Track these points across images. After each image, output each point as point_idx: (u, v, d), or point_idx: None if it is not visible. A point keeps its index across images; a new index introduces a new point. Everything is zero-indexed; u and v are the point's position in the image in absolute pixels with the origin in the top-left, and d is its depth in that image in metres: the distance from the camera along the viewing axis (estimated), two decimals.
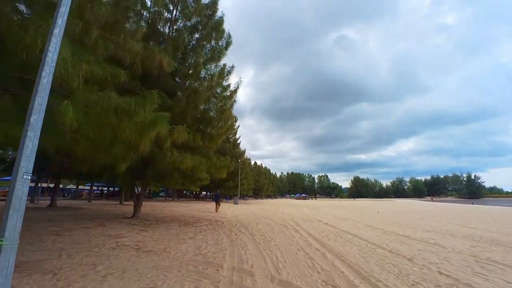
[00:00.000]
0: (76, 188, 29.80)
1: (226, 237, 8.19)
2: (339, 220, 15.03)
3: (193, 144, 11.11)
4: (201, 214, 16.45)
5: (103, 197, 36.22)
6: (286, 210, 23.59)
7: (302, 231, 9.91)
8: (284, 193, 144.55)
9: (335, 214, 20.11)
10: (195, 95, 9.99)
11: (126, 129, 4.41)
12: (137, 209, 11.26)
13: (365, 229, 11.07)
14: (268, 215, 17.47)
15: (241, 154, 45.48)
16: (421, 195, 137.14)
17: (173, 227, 9.80)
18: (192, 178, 11.12)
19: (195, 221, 12.37)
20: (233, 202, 34.95)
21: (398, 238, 8.88)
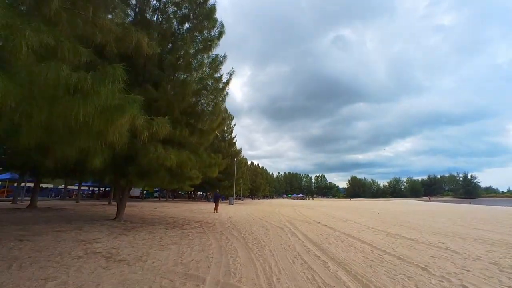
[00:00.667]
0: (65, 188, 28.69)
1: (215, 242, 7.34)
2: (338, 221, 14.24)
3: (183, 139, 10.29)
4: (193, 215, 15.57)
5: (94, 198, 35.13)
6: (283, 211, 22.78)
7: (300, 234, 9.09)
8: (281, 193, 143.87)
9: (333, 214, 19.34)
10: (183, 86, 9.12)
11: (83, 112, 3.55)
12: (121, 210, 10.36)
13: (367, 231, 10.29)
14: (263, 216, 16.64)
15: (237, 153, 44.59)
16: (418, 195, 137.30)
17: (158, 230, 8.93)
18: (181, 177, 10.25)
19: (185, 223, 11.50)
20: (228, 202, 34.05)
21: (405, 241, 8.09)
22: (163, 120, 6.30)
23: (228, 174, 39.40)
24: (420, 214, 21.29)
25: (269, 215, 17.14)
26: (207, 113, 10.37)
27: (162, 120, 6.27)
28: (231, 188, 39.22)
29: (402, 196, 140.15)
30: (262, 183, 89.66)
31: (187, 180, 11.03)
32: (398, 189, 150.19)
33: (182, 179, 10.47)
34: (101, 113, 4.05)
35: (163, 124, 6.23)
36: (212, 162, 10.07)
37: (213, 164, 10.18)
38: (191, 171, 10.30)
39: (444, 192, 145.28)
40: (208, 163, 9.94)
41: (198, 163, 9.81)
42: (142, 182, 9.16)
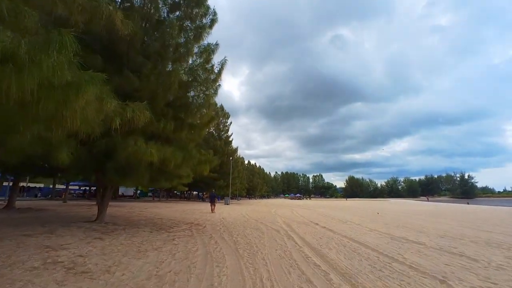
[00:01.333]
0: (53, 187, 27.66)
1: (202, 247, 6.53)
2: (337, 222, 13.47)
3: (170, 134, 9.47)
4: (184, 216, 14.72)
5: (85, 197, 34.13)
6: (279, 211, 21.99)
7: (297, 238, 8.30)
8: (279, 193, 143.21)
9: (332, 215, 18.57)
10: (169, 76, 8.27)
11: (17, 89, 2.72)
12: (102, 211, 9.50)
13: (370, 234, 9.52)
14: (259, 217, 15.83)
15: (233, 152, 43.77)
16: (415, 195, 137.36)
17: (141, 234, 8.09)
18: (168, 175, 9.42)
19: (173, 224, 10.66)
20: (224, 202, 33.21)
21: (412, 246, 7.33)
22: (141, 106, 5.47)
23: (224, 173, 38.56)
24: (421, 214, 20.61)
25: (265, 216, 16.33)
26: (197, 106, 9.53)
27: (139, 106, 5.45)
28: (227, 188, 38.38)
29: (399, 196, 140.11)
30: (259, 183, 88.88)
31: (175, 179, 10.20)
32: (396, 189, 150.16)
33: (169, 177, 9.64)
34: (48, 92, 3.21)
35: (140, 110, 5.39)
36: (202, 159, 9.24)
37: (203, 161, 9.36)
38: (179, 168, 9.46)
39: (441, 192, 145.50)
40: (198, 160, 9.11)
41: (187, 160, 8.98)
42: (122, 180, 8.30)
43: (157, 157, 7.29)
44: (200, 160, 9.13)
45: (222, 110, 44.42)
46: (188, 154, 8.99)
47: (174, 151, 8.12)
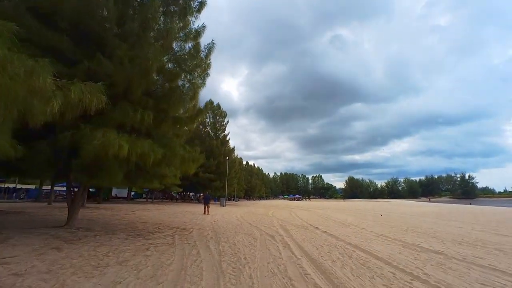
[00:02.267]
0: (40, 188, 26.43)
1: (179, 260, 5.38)
2: (339, 226, 12.33)
3: (151, 128, 8.35)
4: (172, 219, 13.55)
5: None
6: (277, 213, 20.83)
7: (294, 246, 7.15)
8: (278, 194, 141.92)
9: (332, 217, 17.42)
10: (146, 59, 7.13)
11: None
12: (72, 215, 8.34)
13: (377, 240, 8.38)
14: (254, 219, 14.67)
15: (230, 151, 42.59)
16: (415, 195, 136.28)
17: (112, 241, 6.93)
18: (147, 174, 8.28)
19: (156, 229, 9.50)
20: (220, 204, 32.03)
21: (430, 256, 6.20)
22: (93, 86, 4.32)
23: (220, 173, 37.40)
24: (427, 216, 19.48)
25: (261, 219, 15.17)
26: (182, 96, 8.38)
27: (91, 86, 4.30)
28: (223, 189, 37.17)
29: (399, 196, 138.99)
30: (258, 184, 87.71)
31: (156, 179, 9.04)
32: (396, 190, 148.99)
33: (148, 176, 8.49)
34: None
35: (92, 92, 4.25)
36: (186, 157, 8.08)
37: (188, 159, 8.20)
38: (159, 167, 8.32)
39: (441, 192, 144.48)
40: (182, 158, 7.95)
41: (169, 157, 7.83)
42: (90, 179, 7.15)
43: (128, 151, 6.16)
44: (184, 158, 7.97)
45: (218, 109, 43.32)
46: (170, 150, 7.84)
47: (153, 146, 6.97)
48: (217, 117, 43.03)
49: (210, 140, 39.59)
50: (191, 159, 8.34)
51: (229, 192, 48.82)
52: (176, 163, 7.98)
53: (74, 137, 6.33)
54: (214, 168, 37.60)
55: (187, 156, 8.13)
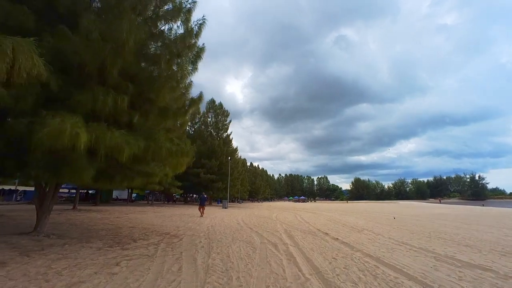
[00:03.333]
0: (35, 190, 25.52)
1: (151, 280, 4.12)
2: (351, 231, 10.95)
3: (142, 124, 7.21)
4: (165, 223, 12.32)
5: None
6: (281, 216, 19.47)
7: (301, 259, 5.83)
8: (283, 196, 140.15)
9: (342, 221, 16.00)
10: (120, 31, 5.90)
11: None
12: (41, 219, 7.14)
13: (401, 250, 7.00)
14: (256, 223, 13.36)
15: (233, 152, 41.35)
16: (423, 196, 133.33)
17: (80, 252, 5.71)
18: (126, 171, 7.05)
19: (141, 236, 8.27)
20: (222, 206, 30.76)
21: (477, 274, 4.82)
22: (22, 41, 3.08)
23: (223, 174, 36.18)
24: (444, 219, 17.90)
25: (264, 223, 13.85)
26: (166, 80, 7.13)
27: (19, 41, 3.06)
28: (226, 190, 35.91)
29: (407, 197, 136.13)
30: (262, 185, 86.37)
31: (138, 177, 7.79)
32: (403, 191, 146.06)
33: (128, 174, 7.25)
34: None
35: (21, 50, 3.02)
36: (173, 150, 6.83)
37: (176, 153, 6.94)
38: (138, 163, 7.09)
39: (450, 193, 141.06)
40: (167, 152, 6.70)
41: (153, 151, 6.59)
42: (52, 176, 5.95)
43: (96, 143, 4.94)
44: (170, 151, 6.72)
45: (221, 108, 42.18)
46: (154, 143, 6.60)
47: (127, 138, 5.74)
48: (219, 116, 41.91)
49: (212, 140, 38.44)
50: (180, 152, 7.07)
51: (232, 194, 47.55)
52: (161, 157, 6.72)
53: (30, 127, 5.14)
54: (216, 168, 36.42)
55: (174, 149, 6.86)
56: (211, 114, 42.13)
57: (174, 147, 7.01)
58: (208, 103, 42.62)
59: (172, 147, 6.95)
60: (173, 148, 6.96)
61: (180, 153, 7.22)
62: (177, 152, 7.05)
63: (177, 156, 7.10)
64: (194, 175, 35.23)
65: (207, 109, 42.28)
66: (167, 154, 6.89)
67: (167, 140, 7.06)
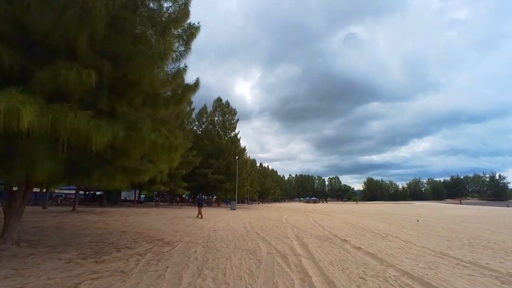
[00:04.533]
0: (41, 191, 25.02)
1: None
2: (373, 237, 9.49)
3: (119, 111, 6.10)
4: (163, 227, 11.18)
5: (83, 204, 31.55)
6: (292, 218, 18.07)
7: (318, 278, 4.48)
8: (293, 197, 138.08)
9: (359, 224, 14.48)
10: None
11: None
12: (9, 224, 6.07)
13: (445, 264, 5.54)
14: (264, 227, 12.05)
15: (241, 151, 40.14)
16: (440, 197, 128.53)
17: (42, 266, 4.57)
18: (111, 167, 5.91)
19: (130, 243, 7.11)
20: (230, 207, 29.57)
21: None
22: None
23: (230, 174, 35.02)
24: (475, 222, 16.07)
25: (273, 226, 12.53)
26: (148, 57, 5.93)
27: None
28: (234, 191, 34.71)
29: (422, 198, 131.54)
30: (272, 186, 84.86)
31: (126, 174, 6.62)
32: (419, 191, 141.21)
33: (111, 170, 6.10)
34: None
35: None
36: (159, 143, 5.62)
37: (162, 147, 5.75)
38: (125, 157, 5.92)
39: (469, 193, 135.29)
40: (152, 144, 5.50)
41: (135, 142, 5.42)
42: (5, 173, 4.87)
43: (44, 124, 3.78)
44: (155, 144, 5.52)
45: (228, 107, 41.12)
46: (136, 133, 5.43)
47: (97, 124, 4.57)
48: (226, 115, 40.84)
49: (219, 140, 37.39)
50: (168, 146, 5.86)
51: (241, 195, 46.40)
52: (144, 150, 5.53)
53: None
54: (224, 168, 35.31)
55: (160, 142, 5.66)
56: (218, 113, 41.13)
57: (160, 140, 5.80)
58: (214, 102, 41.67)
59: (158, 140, 5.74)
60: (159, 141, 5.76)
61: (168, 147, 6.00)
62: (163, 145, 5.85)
63: (164, 150, 5.89)
64: (201, 175, 34.25)
65: (214, 108, 41.33)
66: (152, 147, 5.69)
67: (153, 131, 5.86)
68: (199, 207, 16.92)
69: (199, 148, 34.47)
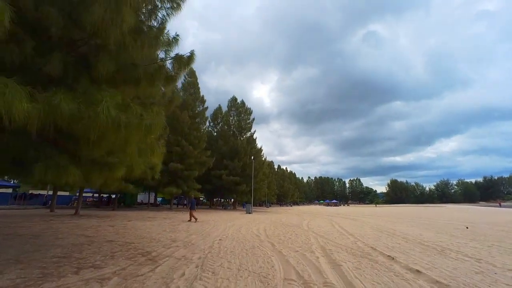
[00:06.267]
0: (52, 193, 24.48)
1: None
2: (426, 251, 7.22)
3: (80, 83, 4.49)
4: (161, 235, 9.49)
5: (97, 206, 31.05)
6: (315, 224, 15.88)
7: None
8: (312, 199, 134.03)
9: (396, 231, 12.07)
10: None
11: None
12: None
13: None
14: (282, 236, 10.06)
15: (258, 152, 38.24)
16: (472, 199, 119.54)
17: None
18: (54, 157, 4.25)
19: (103, 258, 5.40)
20: (246, 211, 27.71)
21: None
22: None
23: (246, 176, 33.24)
24: None
25: (292, 235, 10.50)
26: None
27: None
28: (251, 193, 32.82)
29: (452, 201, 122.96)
30: (291, 188, 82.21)
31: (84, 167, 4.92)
32: (448, 193, 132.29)
33: (61, 162, 4.40)
34: None
35: None
36: (122, 122, 3.84)
37: (127, 126, 3.97)
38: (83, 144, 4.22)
39: (505, 195, 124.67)
40: (115, 122, 3.75)
41: (87, 118, 3.71)
42: None
43: None
44: (114, 122, 3.74)
45: (243, 106, 39.52)
46: (87, 106, 3.72)
47: (15, 88, 2.87)
48: (241, 114, 39.22)
49: (234, 140, 35.79)
50: (136, 126, 4.07)
51: (258, 197, 44.49)
52: (98, 129, 3.77)
53: None
54: (239, 170, 33.60)
55: (123, 119, 3.88)
56: (233, 113, 39.63)
57: (125, 118, 4.02)
58: (229, 102, 40.25)
59: (121, 117, 3.97)
60: (122, 119, 3.98)
61: (136, 127, 4.20)
62: (130, 125, 4.06)
63: (130, 131, 4.10)
64: (216, 177, 32.77)
65: (228, 107, 39.91)
66: (112, 127, 3.92)
67: (116, 106, 4.10)
68: (190, 210, 15.51)
69: (214, 149, 33.03)
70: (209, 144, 33.41)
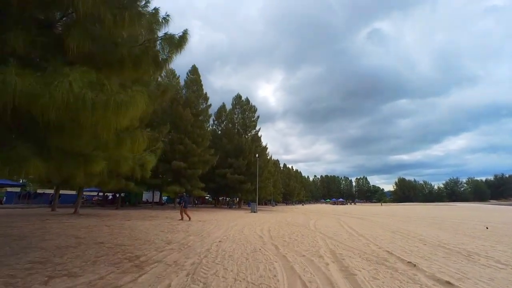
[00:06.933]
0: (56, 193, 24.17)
1: None
2: (450, 256, 6.43)
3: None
4: (157, 236, 8.87)
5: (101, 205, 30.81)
6: (322, 224, 15.11)
7: None
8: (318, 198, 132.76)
9: (411, 232, 11.24)
10: None
11: None
12: None
13: None
14: (287, 237, 9.34)
15: (263, 150, 37.48)
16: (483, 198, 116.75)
17: None
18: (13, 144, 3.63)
19: (85, 264, 4.77)
20: (251, 210, 27.02)
21: None
22: None
23: (251, 174, 32.56)
24: None
25: (298, 236, 9.77)
26: None
27: None
28: (256, 192, 32.12)
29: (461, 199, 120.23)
30: (297, 187, 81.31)
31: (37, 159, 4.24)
32: (457, 192, 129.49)
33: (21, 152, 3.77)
34: None
35: None
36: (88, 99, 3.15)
37: (95, 104, 3.31)
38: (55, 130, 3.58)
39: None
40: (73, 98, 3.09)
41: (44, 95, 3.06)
42: None
43: None
44: (81, 100, 3.07)
45: (247, 104, 38.82)
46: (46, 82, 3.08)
47: None
48: (246, 112, 38.54)
49: (239, 138, 35.12)
50: (104, 104, 3.39)
51: (263, 196, 43.80)
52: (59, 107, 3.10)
53: None
54: (244, 168, 32.94)
55: (89, 96, 3.22)
56: (238, 111, 38.95)
57: (90, 93, 3.35)
58: (234, 99, 39.58)
59: (86, 93, 3.31)
60: (88, 95, 3.31)
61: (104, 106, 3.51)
62: (98, 103, 3.39)
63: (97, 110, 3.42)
64: (220, 176, 32.17)
65: (233, 105, 39.23)
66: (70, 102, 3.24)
67: (87, 84, 3.44)
68: (183, 209, 14.74)
69: (218, 148, 32.44)
70: (213, 142, 32.83)
